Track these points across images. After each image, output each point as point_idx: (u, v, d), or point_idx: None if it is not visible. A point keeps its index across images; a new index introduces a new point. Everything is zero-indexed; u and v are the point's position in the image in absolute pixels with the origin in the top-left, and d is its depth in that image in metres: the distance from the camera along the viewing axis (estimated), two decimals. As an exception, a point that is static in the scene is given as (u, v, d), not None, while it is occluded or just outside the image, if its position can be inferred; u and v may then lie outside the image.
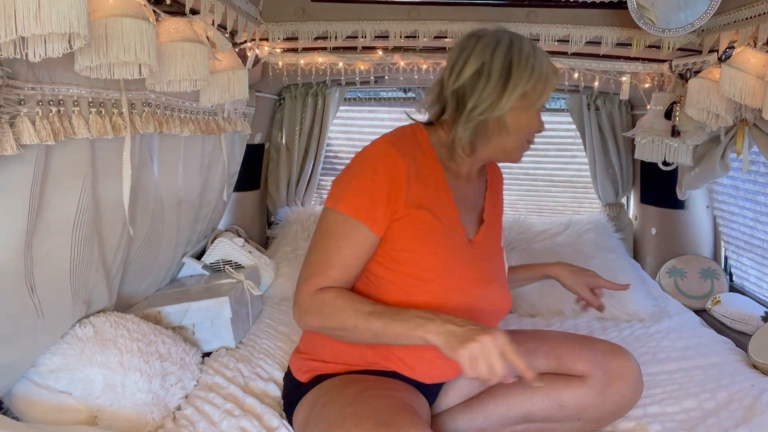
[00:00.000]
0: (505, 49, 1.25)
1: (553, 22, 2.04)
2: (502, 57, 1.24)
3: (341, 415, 1.14)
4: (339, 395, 1.22)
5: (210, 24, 1.60)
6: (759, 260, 2.28)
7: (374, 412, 1.11)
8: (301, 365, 1.39)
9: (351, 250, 1.23)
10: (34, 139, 1.11)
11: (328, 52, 2.40)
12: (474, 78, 1.24)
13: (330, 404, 1.21)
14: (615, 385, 1.38)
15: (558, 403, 1.37)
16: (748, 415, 1.48)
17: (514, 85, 1.23)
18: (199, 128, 1.89)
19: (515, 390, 1.40)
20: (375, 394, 1.19)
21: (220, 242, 2.31)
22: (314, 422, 1.22)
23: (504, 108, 1.24)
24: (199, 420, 1.44)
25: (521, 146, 1.33)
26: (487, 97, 1.23)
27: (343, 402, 1.18)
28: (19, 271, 1.22)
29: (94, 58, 1.11)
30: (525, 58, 1.24)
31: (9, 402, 1.38)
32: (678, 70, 2.19)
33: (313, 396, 1.29)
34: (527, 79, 1.24)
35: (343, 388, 1.24)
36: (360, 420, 1.09)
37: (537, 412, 1.39)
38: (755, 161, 2.13)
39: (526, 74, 1.24)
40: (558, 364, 1.40)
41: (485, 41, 1.26)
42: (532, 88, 1.25)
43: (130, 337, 1.53)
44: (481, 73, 1.24)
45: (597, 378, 1.37)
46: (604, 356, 1.40)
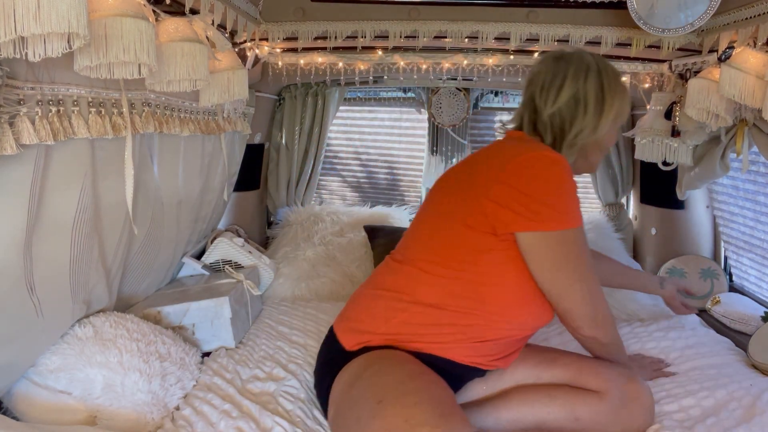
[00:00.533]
0: (596, 75, 1.39)
1: (553, 22, 2.04)
2: (594, 83, 1.38)
3: (401, 386, 1.18)
4: (397, 368, 1.26)
5: (210, 24, 1.60)
6: (759, 260, 2.28)
7: (435, 398, 1.16)
8: (351, 335, 1.39)
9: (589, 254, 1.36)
10: (34, 139, 1.11)
11: (327, 52, 2.40)
12: (570, 103, 1.38)
13: (387, 373, 1.24)
14: (630, 407, 1.39)
15: (573, 416, 1.39)
16: (747, 414, 1.48)
17: (609, 108, 1.39)
18: (199, 128, 1.89)
19: (532, 397, 1.42)
20: (433, 380, 1.24)
21: (219, 242, 2.31)
22: (366, 384, 1.24)
23: (603, 131, 1.40)
24: (197, 420, 1.44)
25: (600, 160, 1.54)
26: (588, 123, 1.38)
27: (404, 375, 1.23)
28: (19, 270, 1.22)
29: (94, 58, 1.11)
30: (614, 81, 1.41)
31: (9, 402, 1.38)
32: (678, 70, 2.19)
33: (365, 360, 1.31)
34: (619, 100, 1.41)
35: (403, 363, 1.28)
36: (421, 399, 1.14)
37: (551, 422, 1.39)
38: (755, 161, 2.13)
39: (618, 96, 1.40)
40: (576, 377, 1.42)
41: (575, 66, 1.40)
42: (621, 106, 1.42)
43: (129, 337, 1.53)
44: (578, 100, 1.38)
45: (613, 397, 1.38)
46: (621, 377, 1.42)
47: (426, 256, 1.36)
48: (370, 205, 3.10)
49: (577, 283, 1.31)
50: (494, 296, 1.32)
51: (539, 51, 2.33)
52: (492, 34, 2.07)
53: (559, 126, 1.39)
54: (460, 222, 1.32)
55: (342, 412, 1.28)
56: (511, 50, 2.34)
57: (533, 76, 1.45)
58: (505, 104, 3.03)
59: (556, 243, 1.28)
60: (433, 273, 1.34)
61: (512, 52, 2.36)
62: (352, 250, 2.67)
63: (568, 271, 1.30)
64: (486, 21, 2.06)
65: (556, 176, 1.27)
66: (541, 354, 1.52)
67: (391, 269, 1.44)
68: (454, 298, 1.32)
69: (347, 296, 2.50)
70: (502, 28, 2.05)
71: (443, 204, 1.41)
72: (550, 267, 1.29)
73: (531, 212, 1.25)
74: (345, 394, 1.29)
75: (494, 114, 3.05)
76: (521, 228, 1.27)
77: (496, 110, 3.04)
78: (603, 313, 1.36)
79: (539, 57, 1.59)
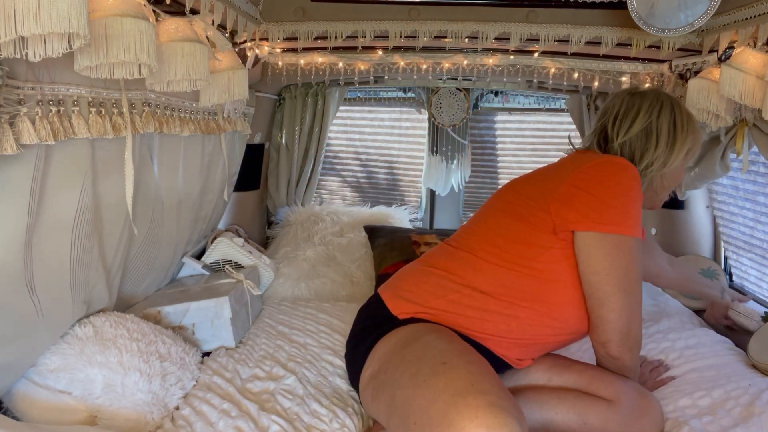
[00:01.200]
0: (669, 112, 1.44)
1: (553, 22, 2.04)
2: (668, 118, 1.43)
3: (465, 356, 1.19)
4: (458, 341, 1.28)
5: (210, 24, 1.60)
6: (759, 260, 2.28)
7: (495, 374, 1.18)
8: (400, 302, 1.40)
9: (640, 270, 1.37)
10: (34, 138, 1.11)
11: (328, 52, 2.40)
12: (642, 135, 1.43)
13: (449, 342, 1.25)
14: (640, 420, 1.39)
15: (582, 420, 1.38)
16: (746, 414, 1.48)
17: (681, 144, 1.43)
18: (199, 128, 1.89)
19: (542, 397, 1.42)
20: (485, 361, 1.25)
21: (220, 242, 2.31)
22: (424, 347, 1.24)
23: (672, 165, 1.44)
24: (196, 420, 1.44)
25: (666, 197, 1.57)
26: (659, 156, 1.42)
27: (465, 348, 1.25)
28: (19, 270, 1.22)
29: (94, 58, 1.12)
30: (687, 121, 1.45)
31: (9, 402, 1.38)
32: (678, 71, 2.19)
33: (420, 328, 1.32)
34: (692, 137, 1.45)
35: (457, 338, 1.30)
36: (484, 371, 1.16)
37: (559, 424, 1.39)
38: (755, 161, 2.13)
39: (691, 133, 1.45)
40: (589, 383, 1.42)
41: (649, 101, 1.45)
42: (692, 144, 1.46)
43: (129, 337, 1.53)
44: (650, 132, 1.42)
45: (624, 407, 1.38)
46: (633, 391, 1.42)
47: (484, 246, 1.40)
48: (370, 205, 3.10)
49: (620, 293, 1.31)
50: (545, 292, 1.35)
51: (539, 51, 2.33)
52: (492, 34, 2.07)
53: (629, 156, 1.44)
54: (521, 219, 1.37)
55: (391, 368, 1.26)
56: (511, 50, 2.34)
57: (607, 107, 1.51)
58: (505, 104, 3.03)
59: (611, 246, 1.30)
60: (488, 261, 1.37)
61: (512, 52, 2.36)
62: (352, 250, 2.67)
63: (616, 277, 1.31)
64: (486, 21, 2.06)
65: (624, 181, 1.32)
66: (555, 358, 1.52)
67: (447, 253, 1.47)
68: (505, 288, 1.35)
69: (347, 296, 2.50)
70: (502, 28, 2.05)
71: (509, 203, 1.46)
72: (599, 269, 1.31)
73: (593, 212, 1.29)
74: (396, 353, 1.28)
75: (494, 114, 3.05)
76: (581, 227, 1.30)
77: (496, 110, 3.04)
78: (635, 334, 1.35)
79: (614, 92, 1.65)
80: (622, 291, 1.31)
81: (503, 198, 1.50)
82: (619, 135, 1.44)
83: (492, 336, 1.36)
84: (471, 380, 1.10)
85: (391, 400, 1.20)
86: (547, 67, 2.41)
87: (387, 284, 1.51)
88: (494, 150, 3.08)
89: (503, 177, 3.07)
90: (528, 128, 3.01)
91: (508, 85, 2.78)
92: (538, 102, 2.99)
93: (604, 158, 1.38)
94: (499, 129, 3.05)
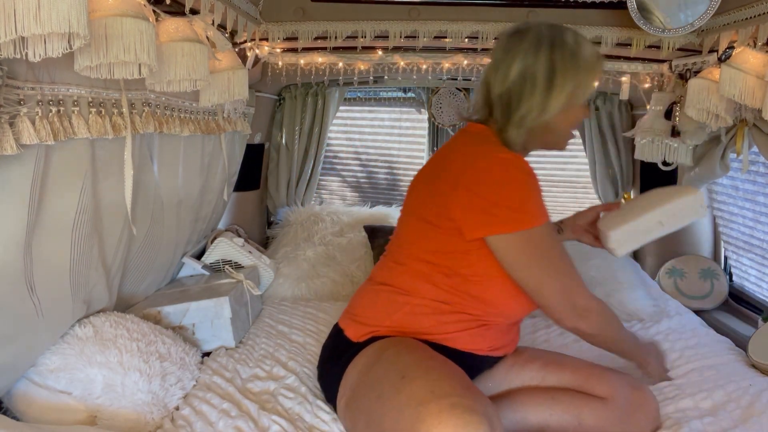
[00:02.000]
0: (548, 51, 1.30)
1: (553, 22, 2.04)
2: (545, 59, 1.29)
3: (423, 364, 1.19)
4: (415, 349, 1.27)
5: (210, 24, 1.60)
6: (759, 260, 2.28)
7: (457, 374, 1.18)
8: (357, 327, 1.41)
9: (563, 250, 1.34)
10: (34, 139, 1.11)
11: (328, 52, 2.40)
12: (520, 81, 1.31)
13: (407, 353, 1.25)
14: (636, 416, 1.39)
15: (577, 420, 1.38)
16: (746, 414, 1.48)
17: (560, 89, 1.30)
18: (199, 128, 1.89)
19: (537, 399, 1.41)
20: (449, 362, 1.25)
21: (220, 242, 2.31)
22: (385, 365, 1.24)
23: (551, 112, 1.32)
24: (196, 420, 1.44)
25: (566, 137, 1.44)
26: (536, 104, 1.30)
27: (424, 355, 1.24)
28: (19, 270, 1.22)
29: (94, 58, 1.11)
30: (568, 57, 1.30)
31: (9, 402, 1.38)
32: (678, 70, 2.19)
33: (380, 347, 1.32)
34: (572, 78, 1.30)
35: (418, 346, 1.30)
36: (444, 374, 1.15)
37: (554, 425, 1.39)
38: (755, 161, 2.13)
39: (570, 74, 1.30)
40: (583, 382, 1.42)
41: (528, 41, 1.31)
42: (577, 85, 1.31)
43: (129, 337, 1.53)
44: (526, 77, 1.30)
45: (619, 404, 1.38)
46: (628, 386, 1.42)
47: (413, 259, 1.39)
48: (370, 205, 3.10)
49: (549, 278, 1.31)
50: (483, 292, 1.35)
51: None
52: (492, 34, 2.07)
53: (506, 104, 1.34)
54: (434, 225, 1.35)
55: (360, 395, 1.28)
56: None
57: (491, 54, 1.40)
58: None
59: (522, 243, 1.29)
60: (425, 272, 1.37)
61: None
62: (352, 250, 2.67)
63: (539, 268, 1.30)
64: (486, 21, 2.06)
65: (515, 178, 1.28)
66: (549, 356, 1.52)
67: (388, 267, 1.47)
68: (450, 294, 1.35)
69: (347, 296, 2.50)
70: (502, 28, 2.05)
71: (419, 206, 1.44)
72: (519, 266, 1.30)
73: (494, 217, 1.26)
74: (362, 377, 1.29)
75: (494, 114, 3.04)
76: (485, 233, 1.28)
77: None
78: (583, 304, 1.33)
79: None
80: (549, 277, 1.31)
81: (415, 199, 1.48)
82: (496, 84, 1.34)
83: (455, 334, 1.36)
84: (430, 387, 1.11)
85: (367, 427, 1.22)
86: (547, 67, 2.40)
87: (344, 312, 1.52)
88: (494, 150, 3.07)
89: (503, 177, 3.06)
90: (528, 128, 3.01)
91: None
92: (538, 102, 2.98)
93: (489, 157, 1.30)
94: (499, 129, 3.05)
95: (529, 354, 1.53)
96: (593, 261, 2.40)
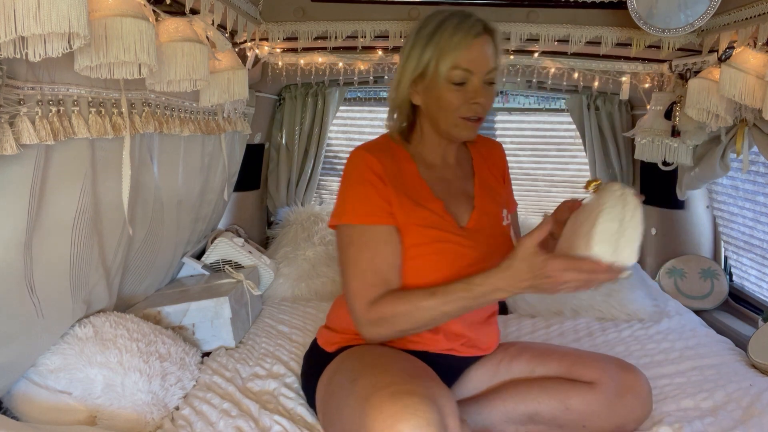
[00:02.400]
0: (414, 34, 1.30)
1: (553, 22, 2.04)
2: (409, 39, 1.31)
3: (374, 363, 1.19)
4: (368, 353, 1.27)
5: (210, 24, 1.60)
6: (759, 260, 2.28)
7: (408, 368, 1.17)
8: (330, 338, 1.42)
9: (379, 255, 1.27)
10: (34, 139, 1.11)
11: (328, 52, 2.40)
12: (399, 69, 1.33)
13: (360, 359, 1.25)
14: (625, 398, 1.38)
15: (564, 405, 1.37)
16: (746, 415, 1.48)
17: (404, 66, 1.30)
18: (199, 128, 1.89)
19: (523, 388, 1.41)
20: (404, 357, 1.25)
21: (220, 242, 2.31)
22: (341, 374, 1.25)
23: (404, 84, 1.31)
24: (196, 420, 1.44)
25: (454, 123, 1.30)
26: (395, 81, 1.33)
27: (377, 356, 1.23)
28: (19, 270, 1.22)
29: (94, 58, 1.11)
30: (422, 36, 1.28)
31: (9, 402, 1.38)
32: (678, 70, 2.19)
33: (341, 358, 1.32)
34: (417, 56, 1.27)
35: (373, 348, 1.30)
36: (391, 368, 1.14)
37: (543, 412, 1.39)
38: (755, 161, 2.13)
39: (416, 52, 1.28)
40: (569, 370, 1.41)
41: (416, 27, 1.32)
42: (426, 64, 1.26)
43: (129, 337, 1.53)
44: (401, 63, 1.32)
45: (607, 387, 1.37)
46: (616, 369, 1.41)
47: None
48: (370, 205, 3.09)
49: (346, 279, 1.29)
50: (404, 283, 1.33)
51: (539, 51, 2.33)
52: (492, 34, 2.06)
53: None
54: None
55: (326, 409, 1.30)
56: (511, 50, 2.34)
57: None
58: (505, 104, 3.02)
59: (338, 238, 1.32)
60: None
61: (512, 52, 2.36)
62: (352, 250, 2.67)
63: (344, 266, 1.30)
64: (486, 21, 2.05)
65: (346, 173, 1.32)
66: (536, 349, 1.51)
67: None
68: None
69: (347, 296, 2.50)
70: (502, 28, 2.05)
71: None
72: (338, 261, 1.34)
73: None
74: (326, 390, 1.31)
75: (494, 114, 3.04)
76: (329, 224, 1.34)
77: (496, 110, 3.04)
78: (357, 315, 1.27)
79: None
80: (348, 276, 1.28)
81: None
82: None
83: (419, 336, 1.35)
84: (373, 382, 1.10)
85: None
86: (547, 67, 2.41)
87: (326, 322, 1.52)
88: (494, 150, 3.07)
89: (503, 177, 3.07)
90: (528, 128, 3.01)
91: (508, 85, 2.78)
92: (538, 102, 2.99)
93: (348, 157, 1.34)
94: (499, 129, 3.05)
95: (516, 349, 1.51)
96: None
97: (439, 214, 1.33)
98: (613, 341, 2.01)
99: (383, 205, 1.27)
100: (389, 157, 1.34)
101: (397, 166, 1.34)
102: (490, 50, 1.29)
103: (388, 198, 1.28)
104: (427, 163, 1.40)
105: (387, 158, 1.33)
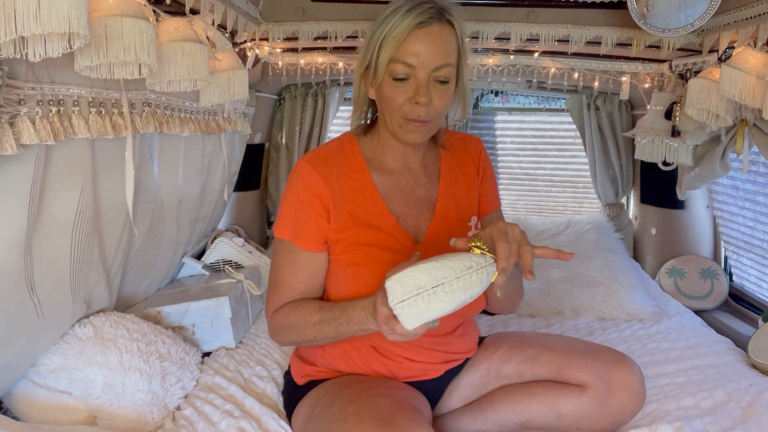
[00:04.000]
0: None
1: (553, 22, 2.04)
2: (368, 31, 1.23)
3: (342, 414, 1.14)
4: (339, 396, 1.22)
5: (210, 24, 1.60)
6: (759, 260, 2.28)
7: (376, 410, 1.11)
8: (298, 368, 1.41)
9: (294, 273, 1.27)
10: (34, 139, 1.11)
11: (328, 52, 2.40)
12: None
13: (330, 405, 1.21)
14: (616, 396, 1.33)
15: (556, 412, 1.34)
16: (746, 415, 1.48)
17: (359, 57, 1.22)
18: (199, 128, 1.89)
19: (514, 397, 1.38)
20: (376, 393, 1.19)
21: (220, 242, 2.31)
22: (315, 423, 1.23)
23: (356, 81, 1.25)
24: (198, 420, 1.44)
25: (399, 123, 1.20)
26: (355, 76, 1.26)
27: (344, 401, 1.18)
28: (19, 270, 1.22)
29: (94, 58, 1.11)
30: (375, 24, 1.18)
31: (9, 402, 1.38)
32: (678, 70, 2.19)
33: (313, 398, 1.30)
34: (365, 46, 1.19)
35: (343, 388, 1.25)
36: (361, 418, 1.09)
37: (535, 420, 1.37)
38: (755, 161, 2.13)
39: (365, 42, 1.20)
40: (558, 373, 1.36)
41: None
42: (371, 55, 1.17)
43: (130, 337, 1.53)
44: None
45: (597, 388, 1.32)
46: (607, 366, 1.34)
47: None
48: (370, 205, 3.09)
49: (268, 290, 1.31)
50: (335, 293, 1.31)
51: (539, 51, 2.33)
52: (492, 34, 2.07)
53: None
54: None
55: None
56: (511, 50, 2.34)
57: None
58: (505, 104, 3.03)
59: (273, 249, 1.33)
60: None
61: (512, 52, 2.36)
62: (352, 250, 2.67)
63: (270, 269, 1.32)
64: (486, 21, 2.05)
65: (287, 183, 1.30)
66: (525, 351, 1.43)
67: None
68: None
69: (347, 296, 2.50)
70: (502, 28, 2.05)
71: None
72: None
73: None
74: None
75: (494, 114, 3.05)
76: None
77: (496, 110, 3.04)
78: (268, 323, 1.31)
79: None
80: (269, 288, 1.31)
81: None
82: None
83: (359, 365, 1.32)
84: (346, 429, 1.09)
85: None
86: (547, 67, 2.41)
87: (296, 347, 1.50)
88: (494, 150, 3.07)
89: (503, 177, 3.07)
90: (528, 128, 3.01)
91: (508, 85, 2.78)
92: (538, 102, 2.99)
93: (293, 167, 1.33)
94: (499, 129, 3.05)
95: (505, 352, 1.43)
96: (593, 261, 2.40)
97: (389, 232, 1.26)
98: (614, 341, 2.01)
99: (313, 231, 1.24)
100: (337, 168, 1.26)
101: (347, 178, 1.26)
102: (442, 43, 1.14)
103: (324, 220, 1.24)
104: (385, 169, 1.31)
105: (334, 171, 1.25)
